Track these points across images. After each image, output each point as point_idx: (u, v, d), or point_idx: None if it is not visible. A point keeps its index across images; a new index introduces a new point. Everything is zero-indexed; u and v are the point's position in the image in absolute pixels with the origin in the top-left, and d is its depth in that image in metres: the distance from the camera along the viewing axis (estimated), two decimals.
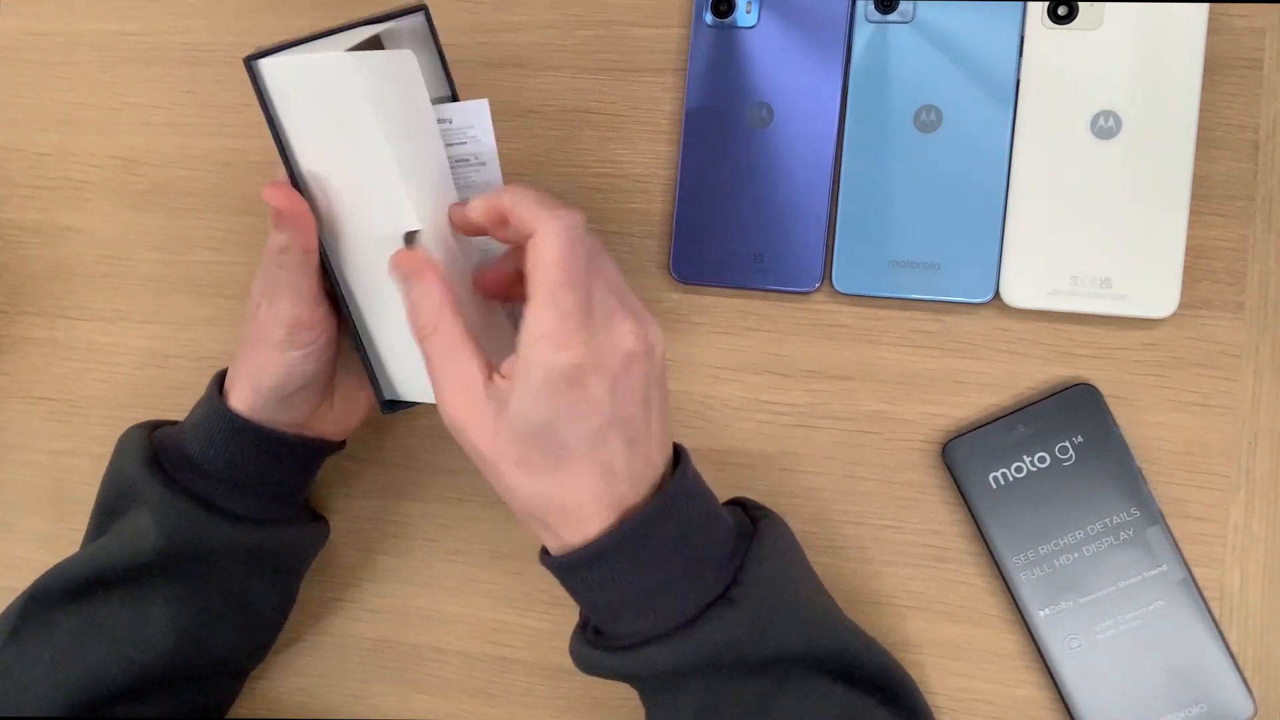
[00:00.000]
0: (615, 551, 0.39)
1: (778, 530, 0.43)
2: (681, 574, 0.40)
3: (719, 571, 0.40)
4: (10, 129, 0.61)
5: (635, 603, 0.40)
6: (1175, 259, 0.46)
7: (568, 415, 0.38)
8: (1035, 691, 0.48)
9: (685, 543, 0.40)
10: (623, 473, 0.39)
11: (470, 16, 0.54)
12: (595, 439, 0.38)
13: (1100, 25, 0.47)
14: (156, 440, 0.47)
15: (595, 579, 0.40)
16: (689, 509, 0.41)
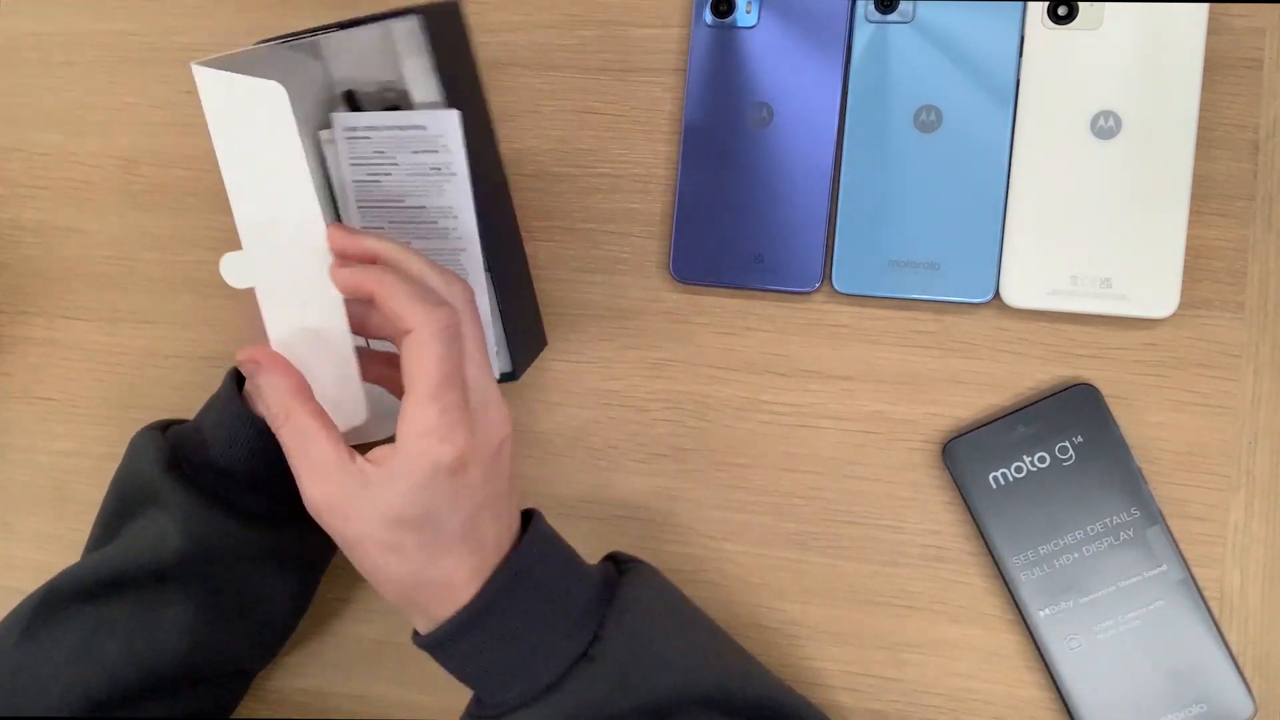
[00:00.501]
0: (476, 622, 0.40)
1: (643, 579, 0.44)
2: (543, 636, 0.41)
3: (580, 629, 0.41)
4: (10, 129, 0.61)
5: (502, 671, 0.41)
6: (1175, 259, 0.46)
7: (446, 504, 0.39)
8: (1035, 691, 0.48)
9: (544, 603, 0.41)
10: (490, 544, 0.41)
11: (470, 16, 0.54)
12: (470, 522, 0.40)
13: (1100, 25, 0.47)
14: (173, 441, 0.46)
15: (462, 652, 0.42)
16: (546, 566, 0.42)
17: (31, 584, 0.50)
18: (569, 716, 0.40)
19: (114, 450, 0.59)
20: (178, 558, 0.45)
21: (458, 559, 0.40)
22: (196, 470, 0.45)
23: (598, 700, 0.40)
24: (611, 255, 0.53)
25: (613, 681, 0.40)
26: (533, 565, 0.42)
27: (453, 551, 0.40)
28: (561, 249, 0.53)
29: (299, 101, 0.44)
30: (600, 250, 0.53)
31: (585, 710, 0.40)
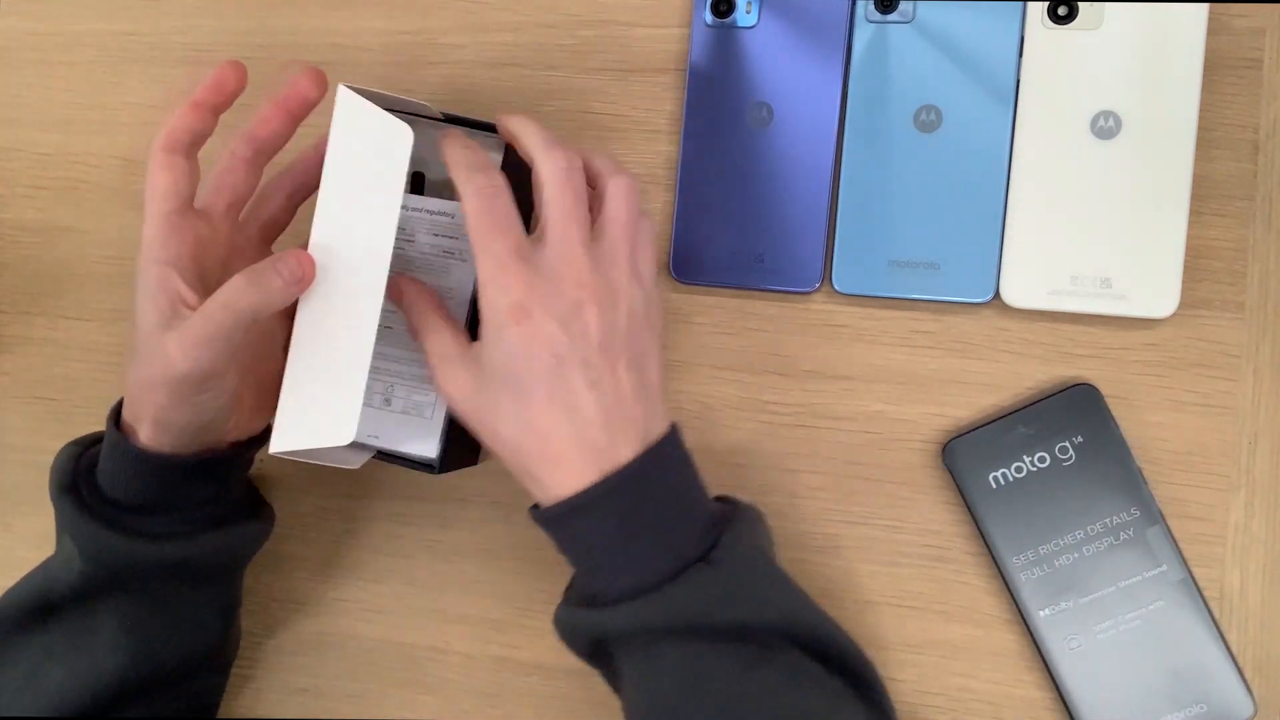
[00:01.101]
0: (595, 505, 0.40)
1: (757, 515, 0.45)
2: (662, 534, 0.41)
3: (700, 536, 0.41)
4: (10, 129, 0.61)
5: (615, 558, 0.41)
6: (1175, 259, 0.46)
7: (519, 353, 0.40)
8: (1035, 691, 0.48)
9: (667, 505, 0.41)
10: (591, 416, 0.40)
11: (470, 16, 0.54)
12: (552, 376, 0.40)
13: (1100, 25, 0.47)
14: (83, 464, 0.47)
15: (576, 532, 0.42)
16: (673, 475, 0.42)
17: None
18: (677, 616, 0.40)
19: None
20: (86, 580, 0.46)
21: (551, 421, 0.40)
22: (91, 494, 0.46)
23: (708, 606, 0.40)
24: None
25: (726, 591, 0.40)
26: (666, 466, 0.42)
27: (543, 411, 0.40)
28: None
29: None
30: None
31: (694, 614, 0.40)
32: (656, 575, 0.40)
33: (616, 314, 0.41)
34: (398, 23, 0.55)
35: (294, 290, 0.43)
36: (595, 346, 0.41)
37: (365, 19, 0.55)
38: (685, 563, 0.40)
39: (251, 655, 0.57)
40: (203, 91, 0.45)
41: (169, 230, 0.43)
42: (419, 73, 0.55)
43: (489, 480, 0.54)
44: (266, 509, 0.53)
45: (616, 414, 0.41)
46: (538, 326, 0.40)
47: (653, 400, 0.42)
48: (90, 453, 0.48)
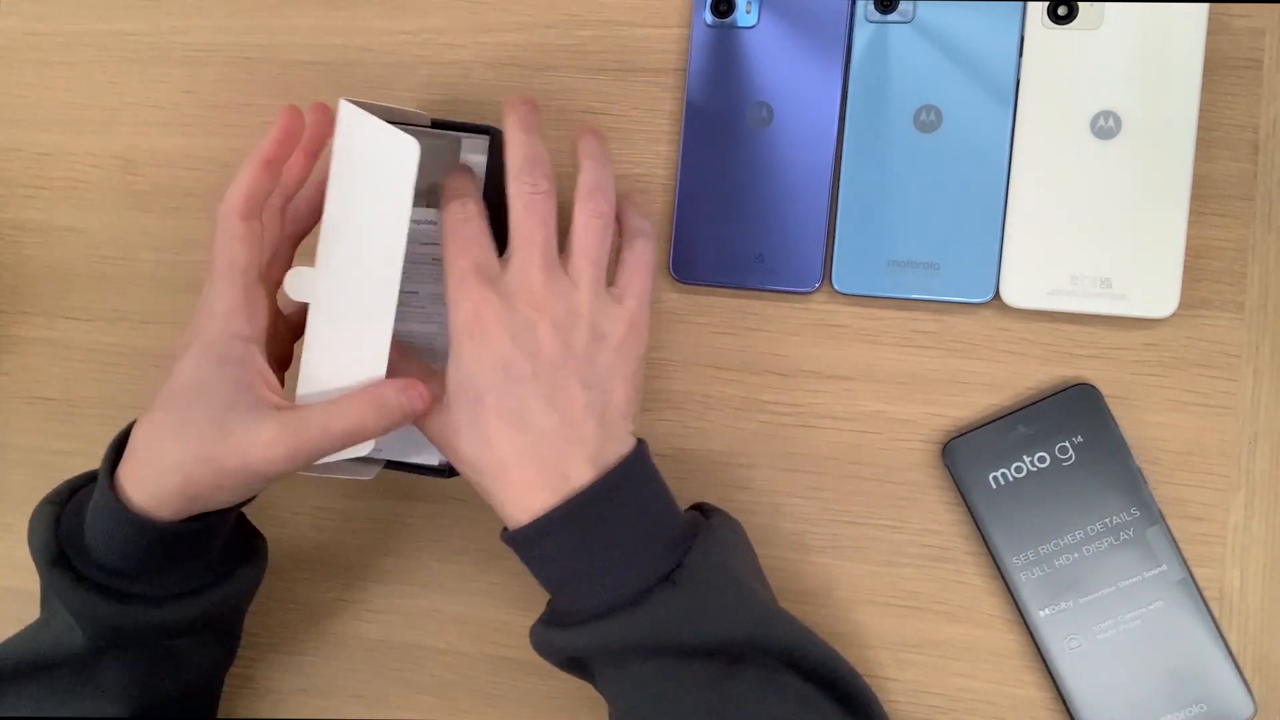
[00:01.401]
0: (554, 529, 0.41)
1: (728, 526, 0.45)
2: (624, 555, 0.41)
3: (664, 555, 0.41)
4: (10, 129, 0.61)
5: (580, 580, 0.42)
6: (1175, 259, 0.46)
7: (472, 364, 0.41)
8: (1035, 691, 0.48)
9: (628, 526, 0.41)
10: (544, 430, 0.41)
11: (470, 16, 0.54)
12: (501, 387, 0.41)
13: (1100, 25, 0.47)
14: (64, 528, 0.45)
15: (539, 554, 0.42)
16: (634, 495, 0.42)
17: (31, 584, 0.50)
18: (643, 635, 0.40)
19: None
20: (87, 649, 0.45)
21: (502, 434, 0.41)
22: (82, 563, 0.44)
23: (673, 625, 0.40)
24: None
25: (691, 610, 0.40)
26: (629, 486, 0.42)
27: (494, 425, 0.41)
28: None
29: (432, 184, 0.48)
30: None
31: (659, 633, 0.40)
32: (619, 597, 0.41)
33: (574, 333, 0.42)
34: (398, 23, 0.55)
35: (408, 421, 0.43)
36: (546, 363, 0.41)
37: (365, 19, 0.55)
38: (649, 583, 0.41)
39: (251, 655, 0.57)
40: (273, 148, 0.43)
41: (251, 304, 0.42)
42: (419, 73, 0.55)
43: None
44: (259, 542, 0.51)
45: (568, 432, 0.41)
46: (490, 339, 0.41)
47: (612, 421, 0.43)
48: (70, 509, 0.46)
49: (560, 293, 0.42)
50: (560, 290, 0.42)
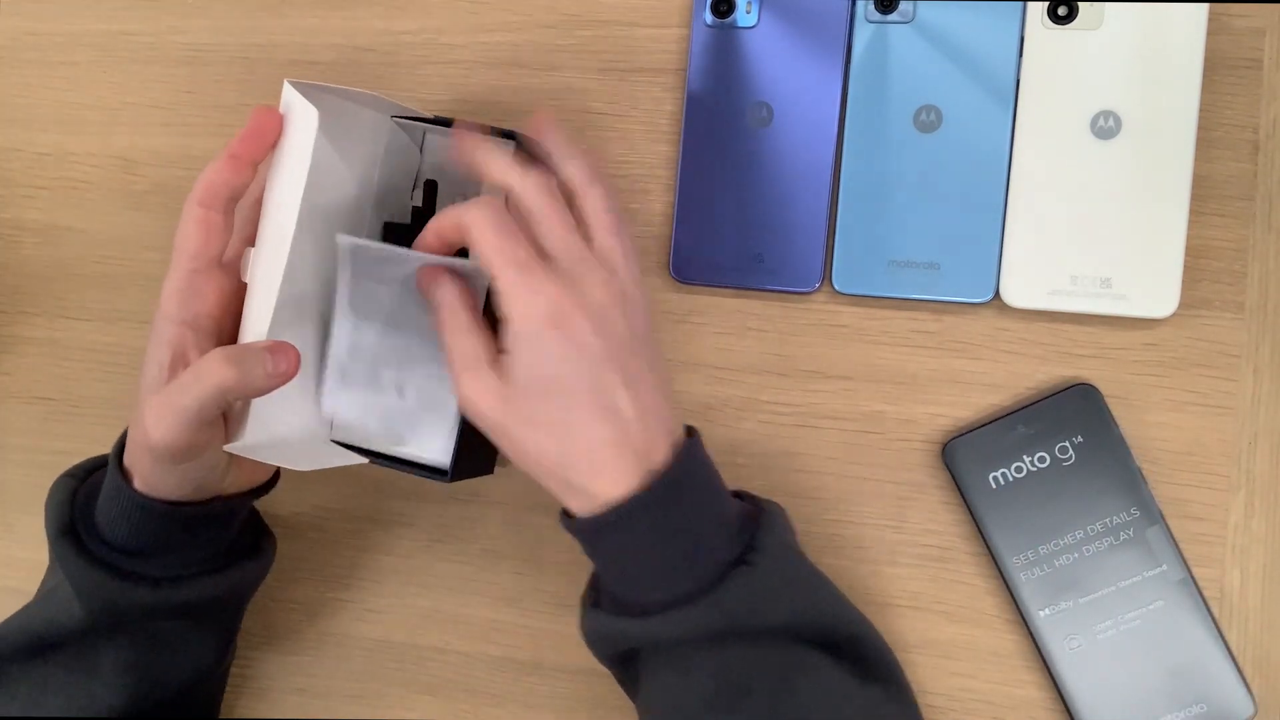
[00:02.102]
0: (639, 512, 0.39)
1: (779, 509, 0.44)
2: (700, 538, 0.40)
3: (734, 537, 0.40)
4: (10, 129, 0.61)
5: (654, 565, 0.40)
6: (1175, 259, 0.46)
7: (559, 357, 0.39)
8: (1035, 691, 0.48)
9: (702, 508, 0.41)
10: (630, 417, 0.40)
11: (470, 17, 0.54)
12: (593, 379, 0.39)
13: (1100, 25, 0.47)
14: (79, 501, 0.46)
15: (615, 540, 0.40)
16: (703, 475, 0.41)
17: (32, 584, 0.50)
18: (721, 620, 0.39)
19: None
20: (83, 624, 0.45)
21: (595, 425, 0.39)
22: (90, 537, 0.45)
23: (749, 608, 0.39)
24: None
25: (767, 591, 0.40)
26: (697, 469, 0.41)
27: (586, 416, 0.39)
28: None
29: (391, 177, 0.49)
30: None
31: (737, 617, 0.39)
32: (697, 581, 0.39)
33: (634, 315, 0.41)
34: (398, 23, 0.55)
35: (276, 382, 0.41)
36: (624, 347, 0.40)
37: (365, 19, 0.55)
38: (725, 566, 0.40)
39: (251, 655, 0.57)
40: (240, 144, 0.43)
41: (190, 289, 0.43)
42: (419, 72, 0.55)
43: (488, 480, 0.54)
44: (268, 539, 0.52)
45: (651, 414, 0.40)
46: (575, 330, 0.39)
47: (671, 399, 0.42)
48: (86, 486, 0.47)
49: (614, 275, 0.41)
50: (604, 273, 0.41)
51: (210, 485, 0.45)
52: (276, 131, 0.43)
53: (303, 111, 0.43)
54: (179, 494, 0.44)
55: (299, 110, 0.43)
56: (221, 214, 0.43)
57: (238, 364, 0.40)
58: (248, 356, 0.40)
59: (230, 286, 0.44)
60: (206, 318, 0.43)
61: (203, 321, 0.43)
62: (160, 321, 0.43)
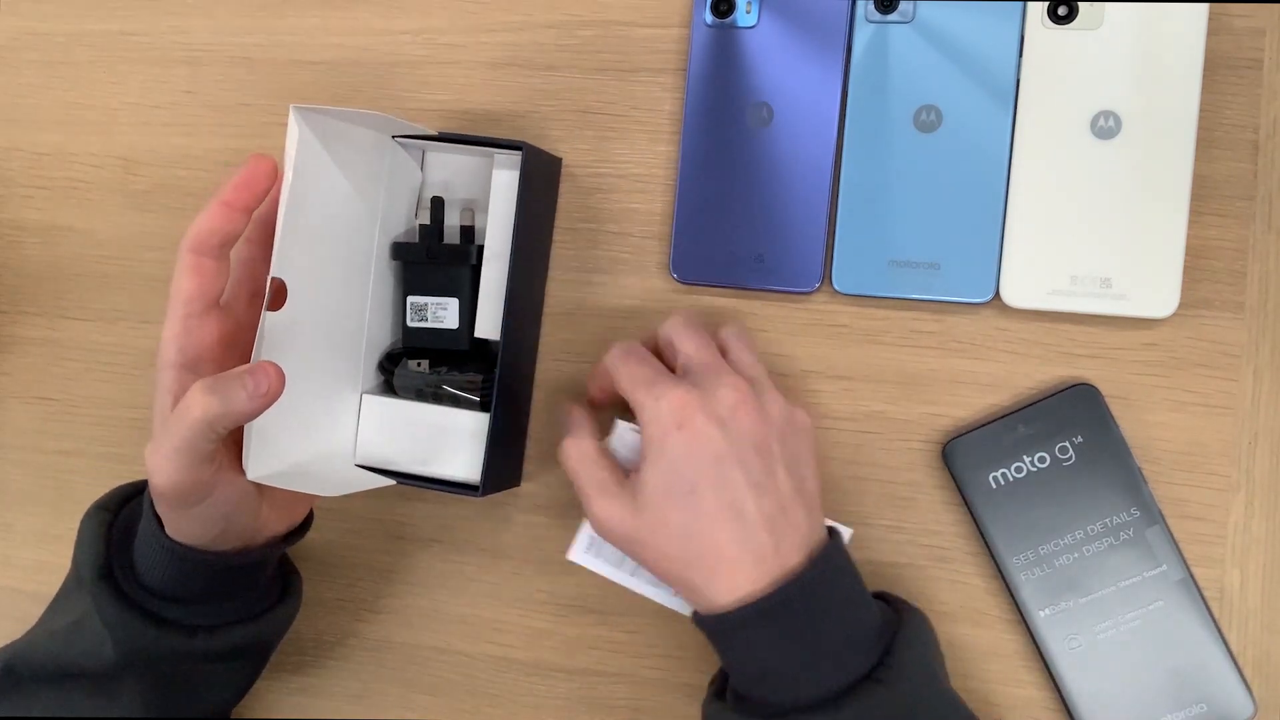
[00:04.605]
0: (766, 615, 0.40)
1: (922, 622, 0.44)
2: (833, 646, 0.40)
3: (869, 649, 0.41)
4: (10, 129, 0.61)
5: (784, 669, 0.40)
6: (1175, 259, 0.46)
7: (684, 457, 0.41)
8: (1035, 691, 0.48)
9: (838, 616, 0.41)
10: (755, 518, 0.41)
11: (470, 17, 0.54)
12: (716, 475, 0.41)
13: (1100, 25, 0.47)
14: (115, 537, 0.46)
15: (746, 641, 0.41)
16: (843, 583, 0.42)
17: (31, 584, 0.50)
18: None
19: (114, 450, 0.59)
20: (114, 666, 0.45)
21: (718, 522, 0.40)
22: (127, 580, 0.45)
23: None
24: (611, 255, 0.53)
25: (896, 711, 0.39)
26: (834, 573, 0.42)
27: (709, 511, 0.40)
28: (561, 249, 0.53)
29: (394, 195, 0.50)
30: (600, 250, 0.53)
31: None
32: (826, 690, 0.40)
33: (767, 417, 0.42)
34: (398, 23, 0.55)
35: (260, 403, 0.41)
36: (751, 446, 0.41)
37: (365, 19, 0.56)
38: (854, 679, 0.40)
39: None
40: (232, 192, 0.43)
41: (186, 333, 0.43)
42: (419, 73, 0.55)
43: None
44: (296, 579, 0.52)
45: (780, 518, 0.41)
46: (699, 428, 0.41)
47: (813, 507, 0.43)
48: (121, 520, 0.47)
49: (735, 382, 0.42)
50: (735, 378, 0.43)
51: (240, 527, 0.45)
52: (270, 178, 0.43)
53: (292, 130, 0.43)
54: (208, 538, 0.44)
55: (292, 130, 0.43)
56: (214, 259, 0.43)
57: (216, 391, 0.40)
58: (226, 383, 0.40)
59: (230, 327, 0.45)
60: (207, 361, 0.44)
61: (203, 365, 0.43)
62: (161, 370, 0.43)
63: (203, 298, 0.43)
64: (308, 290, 0.45)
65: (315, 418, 0.47)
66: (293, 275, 0.44)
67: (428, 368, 0.50)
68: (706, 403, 0.41)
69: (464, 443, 0.49)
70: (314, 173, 0.44)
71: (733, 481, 0.41)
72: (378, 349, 0.52)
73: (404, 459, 0.49)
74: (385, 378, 0.52)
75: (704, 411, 0.41)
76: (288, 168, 0.43)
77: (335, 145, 0.44)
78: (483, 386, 0.50)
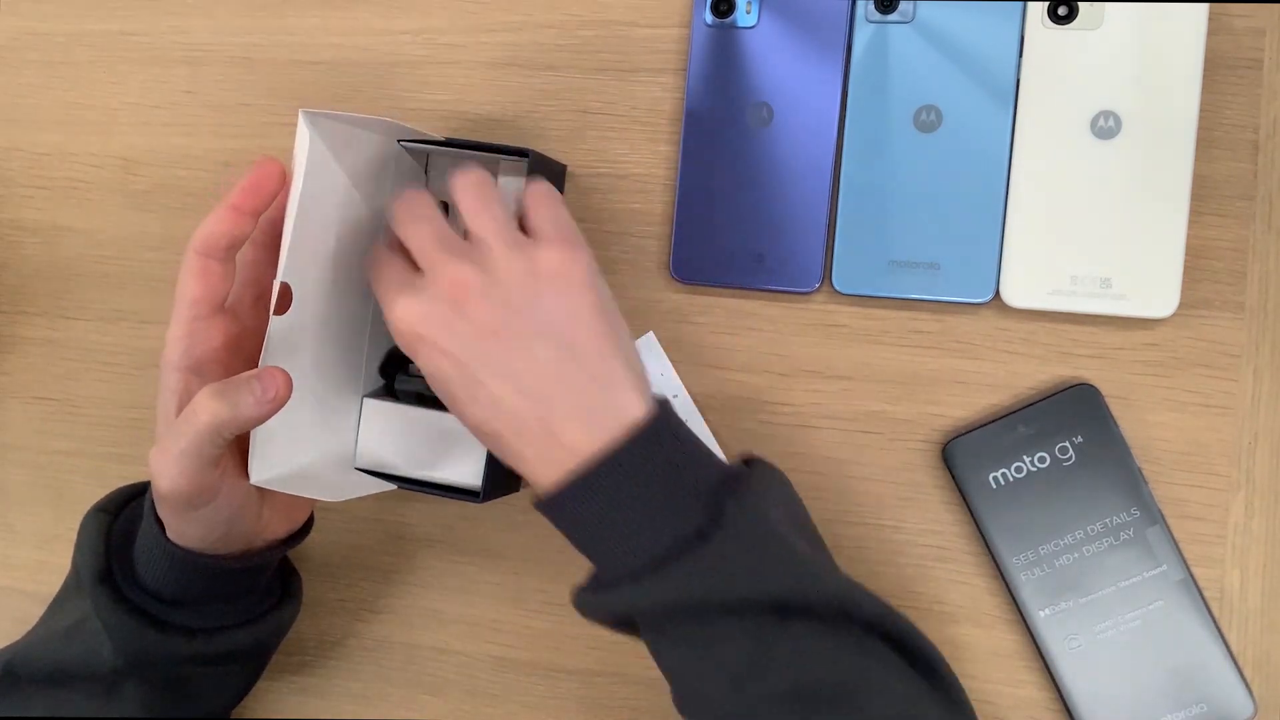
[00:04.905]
0: (572, 496, 0.39)
1: (768, 476, 0.42)
2: (656, 510, 0.39)
3: (699, 510, 0.39)
4: (10, 129, 0.61)
5: (609, 541, 0.40)
6: (1175, 259, 0.46)
7: (432, 372, 0.41)
8: (1035, 691, 0.48)
9: (654, 483, 0.39)
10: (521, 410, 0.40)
11: (470, 17, 0.54)
12: (464, 384, 0.40)
13: (1100, 25, 0.47)
14: (115, 540, 0.46)
15: (571, 516, 0.40)
16: (660, 450, 0.40)
17: (31, 584, 0.50)
18: (679, 594, 0.38)
19: (114, 450, 0.59)
20: (114, 668, 0.45)
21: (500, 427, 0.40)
22: (127, 583, 0.46)
23: (708, 583, 0.38)
24: (611, 255, 0.53)
25: (726, 567, 0.38)
26: (654, 441, 0.40)
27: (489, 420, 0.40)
28: None
29: None
30: (600, 250, 0.53)
31: (695, 591, 0.38)
32: (652, 556, 0.39)
33: (497, 290, 0.40)
34: (398, 23, 0.55)
35: (268, 408, 0.41)
36: (490, 335, 0.40)
37: (365, 19, 0.55)
38: (681, 540, 0.38)
39: None
40: (240, 195, 0.43)
41: (191, 336, 0.43)
42: (419, 73, 0.55)
43: None
44: (296, 581, 0.52)
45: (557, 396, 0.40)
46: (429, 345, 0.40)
47: (602, 367, 0.40)
48: (121, 523, 0.47)
49: (471, 261, 0.40)
50: (469, 259, 0.40)
51: (241, 530, 0.45)
52: (278, 181, 0.43)
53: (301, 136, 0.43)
54: (210, 541, 0.44)
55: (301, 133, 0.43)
56: (221, 262, 0.43)
57: (224, 397, 0.40)
58: (234, 388, 0.40)
59: (236, 330, 0.45)
60: (212, 363, 0.44)
61: (207, 367, 0.43)
62: (165, 371, 0.43)
63: (209, 300, 0.43)
64: (312, 294, 0.45)
65: (317, 422, 0.47)
66: (298, 279, 0.44)
67: None
68: (427, 311, 0.40)
69: (465, 448, 0.49)
70: (321, 177, 0.44)
71: (482, 385, 0.40)
72: (379, 353, 0.52)
73: (405, 463, 0.49)
74: (387, 382, 0.52)
75: (426, 324, 0.40)
76: (297, 172, 0.43)
77: (342, 150, 0.44)
78: None
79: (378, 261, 0.42)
